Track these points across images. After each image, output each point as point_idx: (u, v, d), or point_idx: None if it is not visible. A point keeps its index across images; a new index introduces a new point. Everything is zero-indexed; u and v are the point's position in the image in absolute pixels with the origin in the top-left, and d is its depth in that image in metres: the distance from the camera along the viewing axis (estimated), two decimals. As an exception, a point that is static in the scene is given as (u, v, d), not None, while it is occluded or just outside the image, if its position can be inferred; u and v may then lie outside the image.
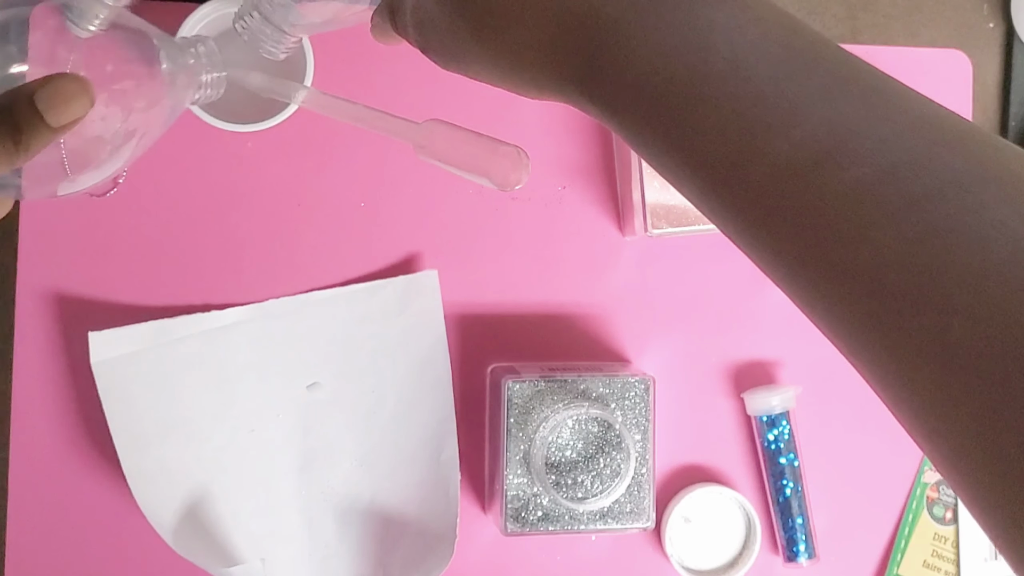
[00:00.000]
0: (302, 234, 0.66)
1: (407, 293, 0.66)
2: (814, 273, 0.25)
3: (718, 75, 0.26)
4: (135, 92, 0.45)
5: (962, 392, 0.22)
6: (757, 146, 0.26)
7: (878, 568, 0.70)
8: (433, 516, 0.65)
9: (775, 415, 0.68)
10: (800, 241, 0.25)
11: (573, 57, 0.30)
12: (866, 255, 0.24)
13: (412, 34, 0.36)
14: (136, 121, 0.45)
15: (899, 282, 0.23)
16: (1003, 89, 0.73)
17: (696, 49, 0.27)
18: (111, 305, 0.64)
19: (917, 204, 0.23)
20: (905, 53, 0.71)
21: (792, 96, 0.25)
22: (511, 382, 0.62)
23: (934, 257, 0.22)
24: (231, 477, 0.64)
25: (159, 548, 0.62)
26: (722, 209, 0.27)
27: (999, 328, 0.21)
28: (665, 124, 0.28)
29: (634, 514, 0.62)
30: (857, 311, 0.24)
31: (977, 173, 0.23)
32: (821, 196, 0.24)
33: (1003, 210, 0.22)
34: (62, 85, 0.35)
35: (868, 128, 0.24)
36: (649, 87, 0.28)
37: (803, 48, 0.26)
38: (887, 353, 0.24)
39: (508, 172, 0.48)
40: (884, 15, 0.72)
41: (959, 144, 0.24)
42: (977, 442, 0.22)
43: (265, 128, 0.61)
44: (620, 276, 0.69)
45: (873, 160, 0.24)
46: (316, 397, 0.65)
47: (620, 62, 0.28)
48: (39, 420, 0.64)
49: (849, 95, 0.25)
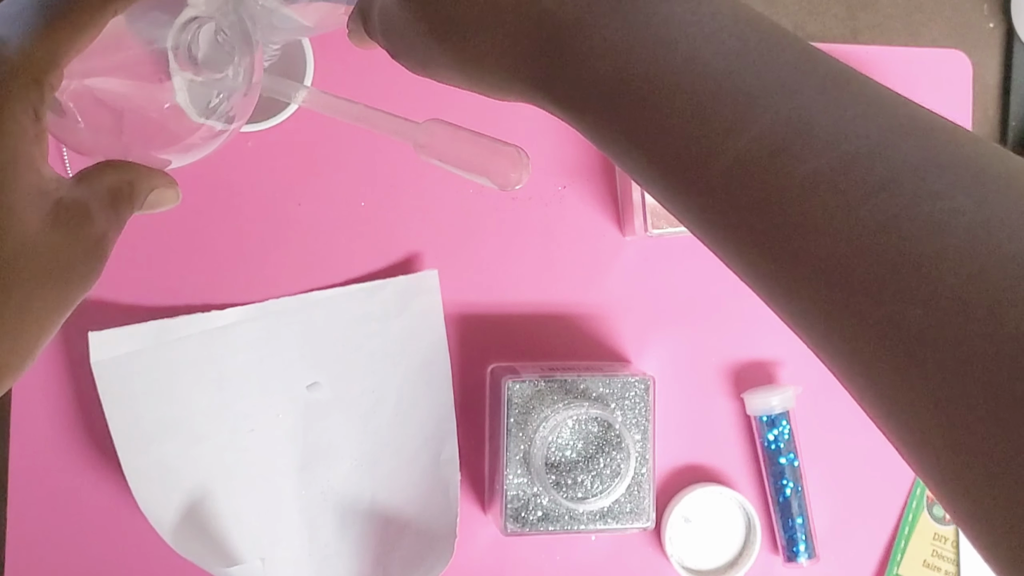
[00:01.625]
0: (302, 234, 0.66)
1: (407, 293, 0.66)
2: (774, 266, 0.25)
3: (675, 71, 0.26)
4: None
5: (920, 381, 0.22)
6: (715, 142, 0.26)
7: (878, 568, 0.70)
8: (433, 516, 0.65)
9: (775, 415, 0.68)
10: (759, 235, 0.25)
11: (534, 59, 0.30)
12: (824, 246, 0.24)
13: (380, 40, 0.37)
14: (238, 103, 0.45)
15: (857, 272, 0.23)
16: (1003, 89, 0.73)
17: (653, 45, 0.27)
18: (111, 305, 0.64)
19: (873, 194, 0.23)
20: (905, 53, 0.71)
21: (749, 89, 0.26)
22: (511, 382, 0.62)
23: (890, 246, 0.23)
24: (231, 477, 0.64)
25: (159, 548, 0.62)
26: (685, 207, 0.27)
27: (955, 315, 0.21)
28: (624, 123, 0.28)
29: (634, 514, 0.62)
30: (817, 302, 0.24)
31: (932, 160, 0.23)
32: (779, 189, 0.25)
33: (958, 197, 0.22)
34: (170, 193, 0.38)
35: (824, 119, 0.25)
36: (607, 86, 0.28)
37: (759, 40, 0.27)
38: (847, 344, 0.24)
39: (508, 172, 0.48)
40: (884, 15, 0.72)
41: (915, 132, 0.24)
42: (937, 431, 0.22)
43: (265, 128, 0.61)
44: (620, 276, 0.69)
45: (830, 151, 0.24)
46: (316, 397, 0.66)
47: (579, 63, 0.28)
48: (39, 420, 0.64)
49: (805, 86, 0.25)
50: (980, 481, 0.22)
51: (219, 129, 0.45)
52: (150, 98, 0.40)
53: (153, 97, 0.40)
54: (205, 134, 0.45)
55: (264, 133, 0.64)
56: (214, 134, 0.45)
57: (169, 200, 0.38)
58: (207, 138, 0.45)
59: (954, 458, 0.22)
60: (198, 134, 0.44)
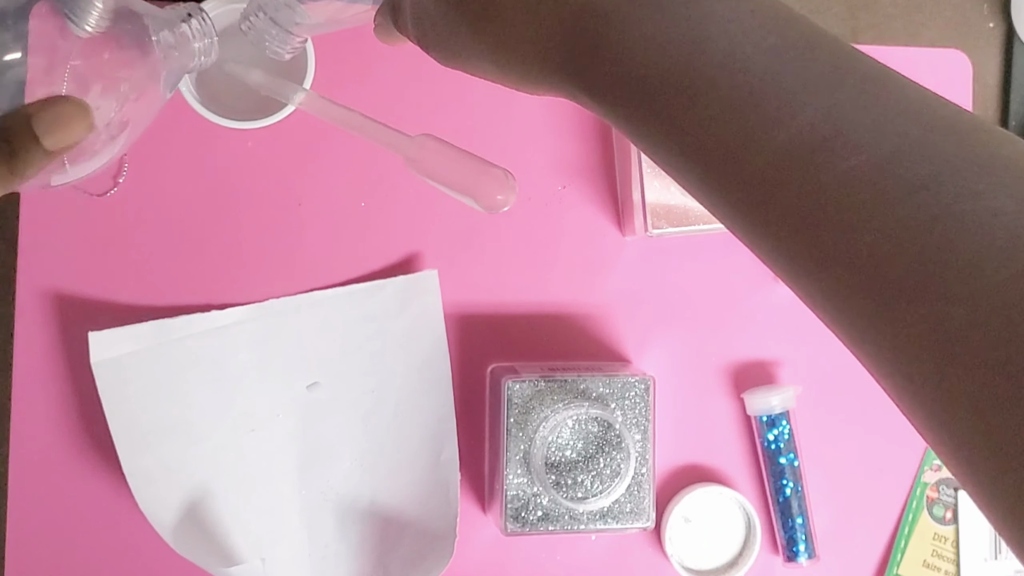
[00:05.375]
0: (302, 234, 0.66)
1: (407, 293, 0.66)
2: (813, 263, 0.25)
3: (715, 66, 0.26)
4: (130, 80, 0.45)
5: (962, 381, 0.22)
6: (754, 136, 0.26)
7: (878, 568, 0.70)
8: (433, 516, 0.65)
9: (775, 415, 0.68)
10: (799, 231, 0.25)
11: (569, 50, 0.30)
12: (865, 244, 0.24)
13: (412, 31, 0.37)
14: (131, 108, 0.45)
15: (898, 271, 0.23)
16: (1003, 89, 0.73)
17: (692, 40, 0.27)
18: (111, 305, 0.64)
19: (914, 192, 0.23)
20: (905, 53, 0.71)
21: (788, 86, 0.25)
22: (511, 382, 0.62)
23: (932, 245, 0.22)
24: (231, 477, 0.64)
25: (159, 548, 0.62)
26: (722, 200, 0.27)
27: (997, 315, 0.21)
28: (662, 116, 0.28)
29: (634, 514, 0.62)
30: (856, 300, 0.24)
31: (973, 160, 0.23)
32: (819, 185, 0.24)
33: (999, 197, 0.22)
34: (61, 109, 0.35)
35: (865, 116, 0.24)
36: (645, 79, 0.28)
37: (799, 38, 0.26)
38: (887, 343, 0.24)
39: (495, 194, 0.48)
40: (884, 15, 0.72)
41: (956, 132, 0.24)
42: (977, 432, 0.22)
43: (265, 126, 0.61)
44: (620, 276, 0.69)
45: (870, 148, 0.24)
46: (316, 397, 0.66)
47: (616, 55, 0.28)
48: (39, 420, 0.64)
49: (845, 84, 0.25)
50: (1019, 486, 0.21)
51: (106, 138, 0.44)
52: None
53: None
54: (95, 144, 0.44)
55: (264, 133, 0.64)
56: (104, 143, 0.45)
57: (71, 122, 0.35)
58: (97, 149, 0.45)
59: (995, 460, 0.22)
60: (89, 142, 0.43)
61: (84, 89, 0.44)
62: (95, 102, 0.42)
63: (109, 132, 0.44)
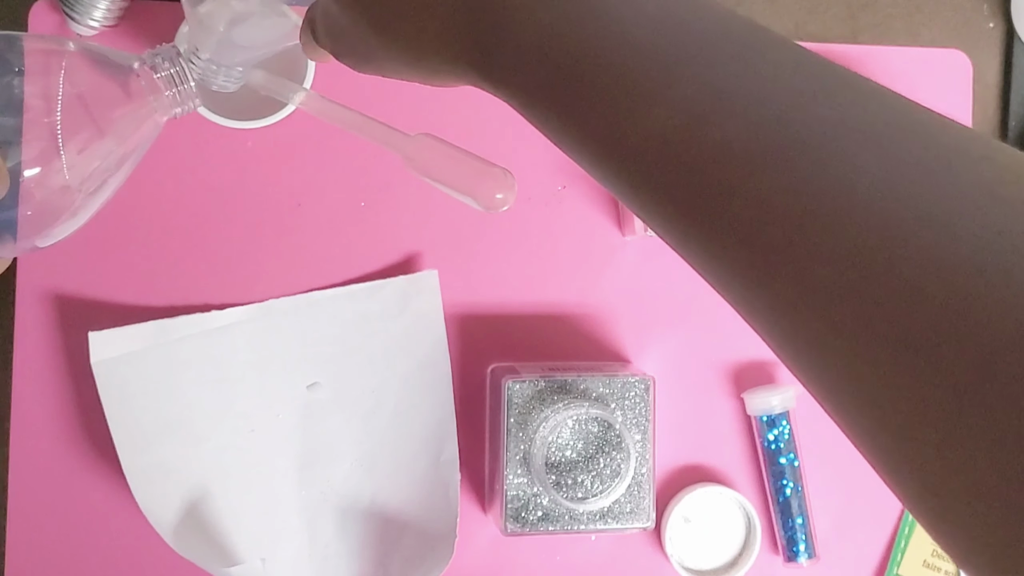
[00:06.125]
0: (302, 234, 0.66)
1: (407, 293, 0.66)
2: (697, 232, 0.26)
3: (600, 45, 0.27)
4: (105, 139, 0.45)
5: (831, 338, 0.23)
6: (638, 112, 0.26)
7: (878, 568, 0.70)
8: (433, 516, 0.65)
9: (775, 415, 0.68)
10: (682, 203, 0.26)
11: (468, 42, 0.30)
12: (738, 211, 0.24)
13: (326, 43, 0.37)
14: (116, 154, 0.45)
15: (770, 234, 0.24)
16: (1003, 89, 0.73)
17: (579, 20, 0.28)
18: (111, 305, 0.64)
19: (782, 158, 0.24)
20: (905, 53, 0.71)
21: (668, 60, 0.26)
22: (511, 382, 0.62)
23: (798, 207, 0.23)
24: (231, 477, 0.64)
25: (159, 548, 0.62)
26: (616, 181, 0.28)
27: (858, 271, 0.22)
28: (555, 100, 0.28)
29: (634, 514, 0.62)
30: (737, 267, 0.25)
31: (841, 122, 0.24)
32: (697, 156, 0.25)
33: (862, 155, 0.23)
34: None
35: (739, 85, 0.25)
36: (537, 65, 0.28)
37: (680, 8, 0.27)
38: (765, 306, 0.24)
39: (494, 193, 0.48)
40: (884, 15, 0.72)
41: (827, 94, 0.24)
42: (848, 384, 0.23)
43: (265, 126, 0.61)
44: (620, 276, 0.69)
45: (741, 117, 0.24)
46: (316, 397, 0.66)
47: (509, 42, 0.29)
48: (39, 420, 0.64)
49: (723, 53, 0.26)
50: (884, 426, 0.22)
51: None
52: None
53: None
54: None
55: (264, 133, 0.64)
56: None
57: None
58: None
59: (864, 410, 0.23)
60: None
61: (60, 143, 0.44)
62: (71, 160, 0.43)
63: (86, 188, 0.45)
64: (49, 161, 0.42)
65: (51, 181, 0.43)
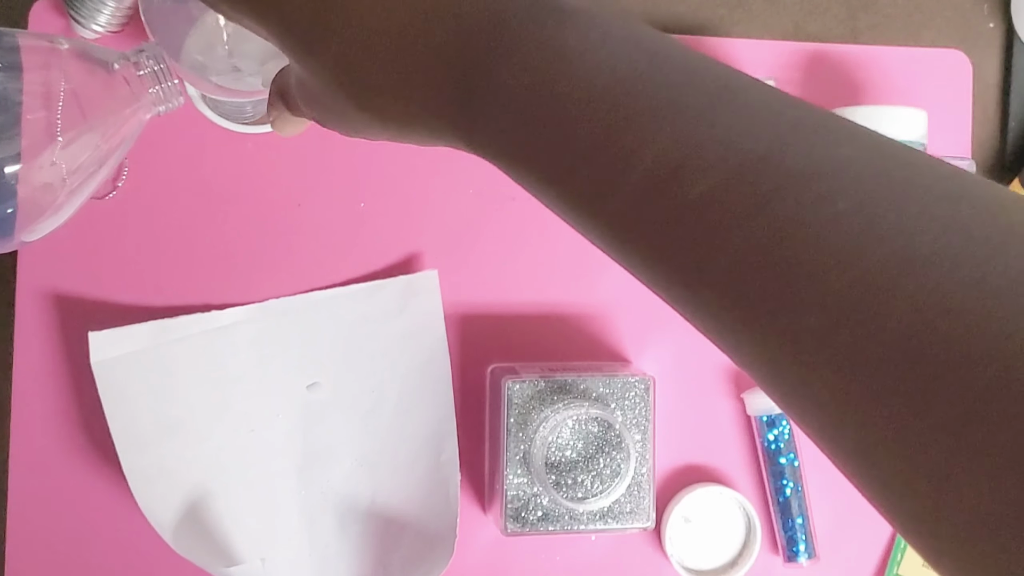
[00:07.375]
0: (302, 234, 0.66)
1: (407, 293, 0.66)
2: (684, 288, 0.26)
3: (575, 108, 0.27)
4: (91, 135, 0.45)
5: (822, 391, 0.23)
6: (616, 172, 0.26)
7: (878, 568, 0.70)
8: (433, 516, 0.65)
9: (775, 415, 0.68)
10: (668, 260, 0.26)
11: (451, 115, 0.30)
12: (722, 264, 0.24)
13: (308, 113, 0.37)
14: (101, 150, 0.45)
15: (755, 286, 0.24)
16: (1003, 89, 0.73)
17: (551, 84, 0.27)
18: (111, 305, 0.64)
19: (761, 207, 0.24)
20: (905, 53, 0.71)
21: (639, 117, 0.26)
22: (511, 382, 0.62)
23: (781, 258, 0.23)
24: (231, 477, 0.64)
25: (159, 548, 0.62)
26: (602, 242, 0.28)
27: (844, 320, 0.22)
28: (536, 167, 0.28)
29: (634, 514, 0.62)
30: (725, 320, 0.25)
31: (815, 167, 0.24)
32: (676, 214, 0.25)
33: (839, 202, 0.23)
34: None
35: (712, 135, 0.25)
36: (514, 134, 0.28)
37: (648, 62, 0.27)
38: (757, 354, 0.25)
39: None
40: (884, 15, 0.72)
41: (799, 139, 0.24)
42: (835, 429, 0.23)
43: (265, 131, 0.61)
44: (620, 276, 0.69)
45: (718, 168, 0.24)
46: (316, 397, 0.66)
47: (486, 115, 0.29)
48: (39, 420, 0.64)
49: (694, 102, 0.26)
50: (873, 463, 0.22)
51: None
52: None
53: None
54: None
55: (264, 134, 0.64)
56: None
57: None
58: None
59: (858, 459, 0.23)
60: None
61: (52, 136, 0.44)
62: (54, 156, 0.43)
63: (71, 183, 0.44)
64: (32, 158, 0.42)
65: (34, 177, 0.43)
